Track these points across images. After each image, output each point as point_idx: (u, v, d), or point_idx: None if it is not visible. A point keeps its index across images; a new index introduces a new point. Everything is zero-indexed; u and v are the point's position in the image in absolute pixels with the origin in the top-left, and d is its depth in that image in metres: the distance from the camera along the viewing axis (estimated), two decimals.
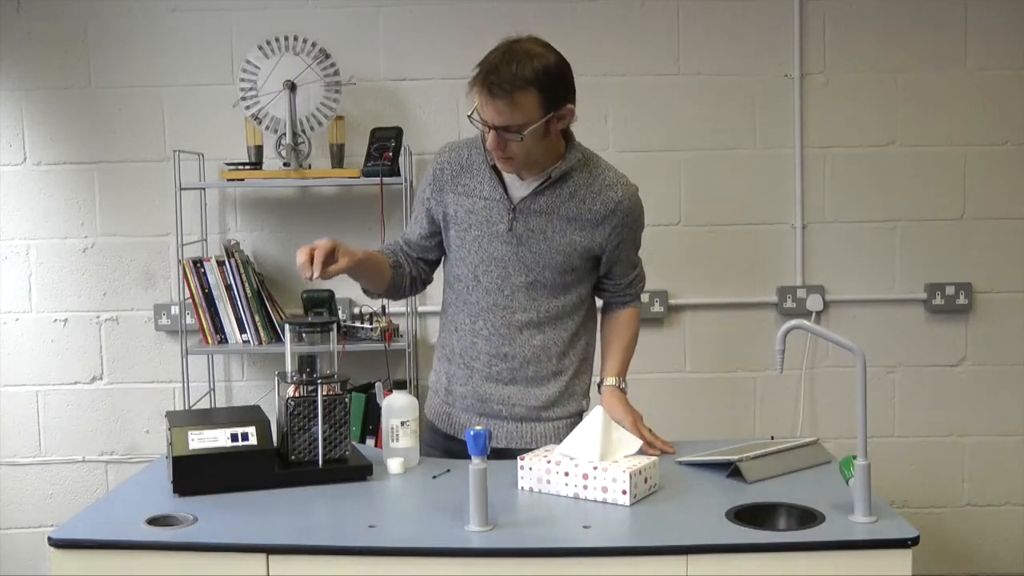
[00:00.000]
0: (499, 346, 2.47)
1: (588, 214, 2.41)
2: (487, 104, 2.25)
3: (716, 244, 3.68)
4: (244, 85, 3.40)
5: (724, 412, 3.70)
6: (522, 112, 2.25)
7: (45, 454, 3.71)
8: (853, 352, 2.01)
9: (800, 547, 1.91)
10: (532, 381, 2.49)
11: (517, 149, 2.30)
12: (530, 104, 2.25)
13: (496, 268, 2.44)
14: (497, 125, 2.26)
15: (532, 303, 2.45)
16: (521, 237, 2.41)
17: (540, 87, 2.24)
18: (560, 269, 2.43)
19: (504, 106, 2.24)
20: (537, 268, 2.42)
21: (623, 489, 2.09)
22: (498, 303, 2.45)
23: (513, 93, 2.23)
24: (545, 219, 2.40)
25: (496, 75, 2.22)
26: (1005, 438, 3.75)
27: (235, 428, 2.22)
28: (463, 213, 2.45)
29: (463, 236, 2.46)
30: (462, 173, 2.47)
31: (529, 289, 2.44)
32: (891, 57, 3.64)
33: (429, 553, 1.92)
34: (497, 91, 2.23)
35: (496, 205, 2.42)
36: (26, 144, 3.63)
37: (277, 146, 3.43)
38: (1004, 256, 3.69)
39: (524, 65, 2.23)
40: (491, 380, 2.49)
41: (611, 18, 3.61)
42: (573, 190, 2.41)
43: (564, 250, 2.41)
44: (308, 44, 3.41)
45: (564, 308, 2.48)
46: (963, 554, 3.76)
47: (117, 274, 3.67)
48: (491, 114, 2.26)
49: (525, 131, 2.26)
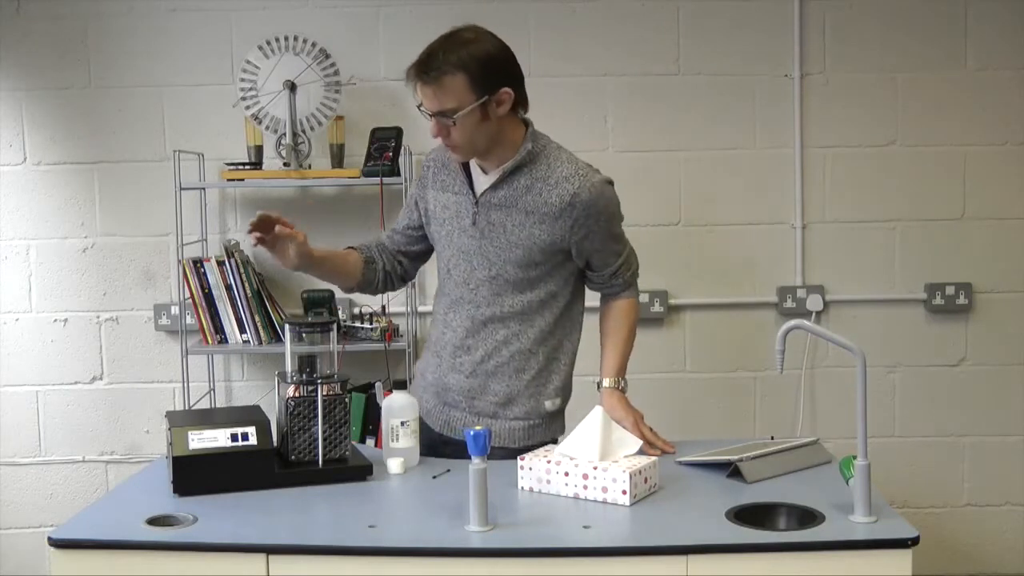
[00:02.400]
0: (463, 338, 2.50)
1: (545, 207, 2.39)
2: (421, 91, 2.34)
3: (716, 244, 3.68)
4: (244, 85, 3.40)
5: (724, 412, 3.70)
6: (452, 96, 2.30)
7: (45, 454, 3.71)
8: (853, 352, 2.01)
9: (800, 547, 1.91)
10: (492, 376, 2.49)
11: (457, 135, 2.34)
12: (459, 88, 2.30)
13: (463, 261, 2.48)
14: (432, 111, 2.33)
15: (496, 298, 2.46)
16: (483, 231, 2.44)
17: (467, 71, 2.29)
18: (521, 263, 2.43)
19: (433, 91, 2.31)
20: (499, 262, 2.44)
21: (623, 489, 2.09)
22: (464, 296, 2.49)
23: (440, 78, 2.29)
24: (505, 212, 2.42)
25: (425, 62, 2.31)
26: (1005, 438, 3.75)
27: (235, 428, 2.22)
28: (439, 208, 2.52)
29: (439, 231, 2.53)
30: (442, 170, 2.54)
31: (492, 283, 2.46)
32: (891, 57, 3.64)
33: (429, 553, 1.92)
34: (425, 77, 2.31)
35: (463, 199, 2.47)
36: (26, 144, 3.63)
37: (277, 146, 3.43)
38: (1004, 256, 3.69)
39: (452, 51, 2.30)
40: (454, 371, 2.52)
41: (611, 18, 3.62)
42: (530, 183, 2.41)
43: (524, 244, 2.41)
44: (308, 44, 3.41)
45: (530, 305, 2.47)
46: (963, 554, 3.76)
47: (117, 274, 3.67)
48: (425, 100, 2.34)
49: (457, 115, 2.30)
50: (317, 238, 3.63)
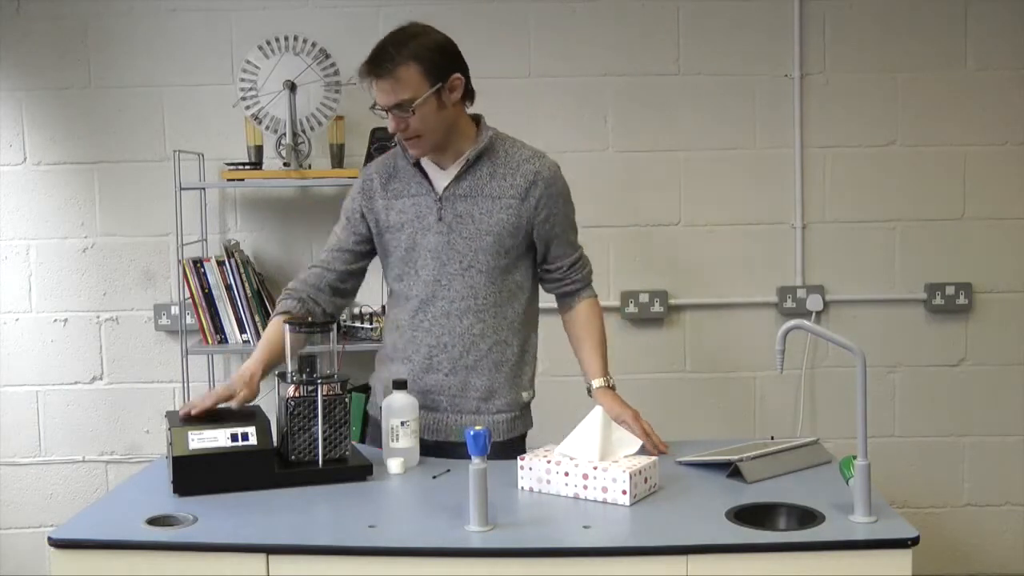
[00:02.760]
0: (439, 336, 2.51)
1: (511, 189, 2.46)
2: (376, 88, 2.38)
3: (716, 244, 3.68)
4: (244, 85, 3.40)
5: (724, 412, 3.70)
6: (408, 86, 2.35)
7: (45, 454, 3.71)
8: (853, 352, 2.02)
9: (800, 547, 1.91)
10: (472, 370, 2.51)
11: (417, 125, 2.39)
12: (413, 77, 2.35)
13: (432, 260, 2.49)
14: (389, 105, 2.37)
15: (469, 290, 2.48)
16: (451, 225, 2.47)
17: (419, 59, 2.36)
18: (492, 251, 2.47)
19: (389, 84, 2.35)
20: (470, 253, 2.47)
21: (623, 489, 2.09)
22: (436, 293, 2.50)
23: (395, 70, 2.34)
24: (471, 202, 2.46)
25: (377, 58, 2.36)
26: (1005, 438, 3.75)
27: (235, 428, 2.22)
28: (394, 214, 2.53)
29: (398, 236, 2.53)
30: (390, 180, 2.56)
31: (465, 276, 2.48)
32: (891, 57, 3.64)
33: (429, 553, 1.92)
34: (379, 71, 2.35)
35: (423, 199, 2.50)
36: (26, 144, 3.63)
37: (277, 146, 3.43)
38: (1004, 256, 3.69)
39: (402, 44, 2.36)
40: (431, 371, 2.52)
41: (611, 18, 3.61)
42: (492, 169, 2.47)
43: (493, 230, 2.46)
44: (308, 44, 3.41)
45: (502, 295, 2.50)
46: (963, 554, 3.76)
47: (117, 274, 3.67)
48: (380, 96, 2.38)
49: (415, 104, 2.35)
50: (317, 238, 3.66)
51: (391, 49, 2.36)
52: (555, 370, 3.48)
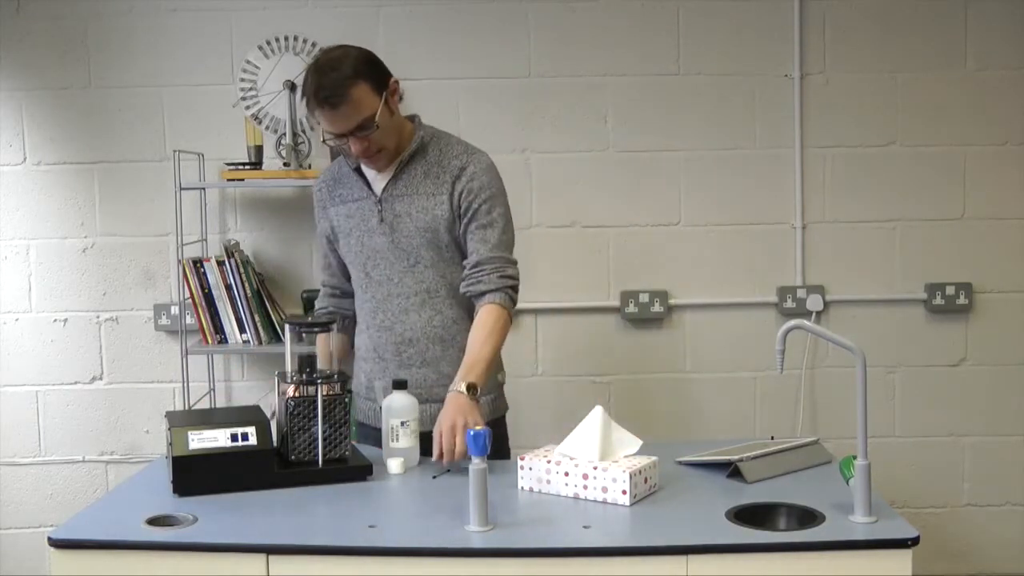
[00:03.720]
0: (402, 332, 2.54)
1: (442, 185, 2.51)
2: (332, 117, 2.38)
3: (716, 244, 3.68)
4: (244, 85, 3.40)
5: (724, 412, 3.70)
6: (365, 105, 2.38)
7: (45, 454, 3.71)
8: (853, 352, 2.02)
9: (800, 547, 1.91)
10: (441, 360, 2.54)
11: (381, 139, 2.44)
12: (365, 95, 2.38)
13: (381, 260, 2.54)
14: (350, 129, 2.39)
15: (420, 284, 2.53)
16: (392, 224, 2.52)
17: (362, 76, 2.39)
18: (433, 245, 2.51)
19: (347, 109, 2.37)
20: (413, 250, 2.52)
21: (623, 489, 2.09)
22: (391, 292, 2.54)
23: (348, 93, 2.36)
24: (408, 201, 2.51)
25: (325, 90, 2.35)
26: (1005, 438, 3.75)
27: (235, 428, 2.23)
28: (343, 220, 2.59)
29: (348, 240, 2.58)
30: (336, 186, 2.62)
31: (413, 272, 2.53)
32: (891, 57, 3.64)
33: (429, 553, 1.92)
34: (335, 99, 2.35)
35: (366, 202, 2.55)
36: (26, 144, 3.63)
37: (277, 146, 3.44)
38: (1004, 256, 3.69)
39: (338, 69, 2.37)
40: (404, 367, 2.55)
41: (611, 18, 3.61)
42: (427, 168, 2.53)
43: (430, 226, 2.50)
44: (308, 44, 3.41)
45: (453, 283, 2.53)
46: (963, 554, 3.76)
47: (117, 274, 3.67)
48: (341, 124, 2.39)
49: (377, 119, 2.39)
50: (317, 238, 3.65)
51: (333, 74, 2.36)
52: (554, 371, 3.48)
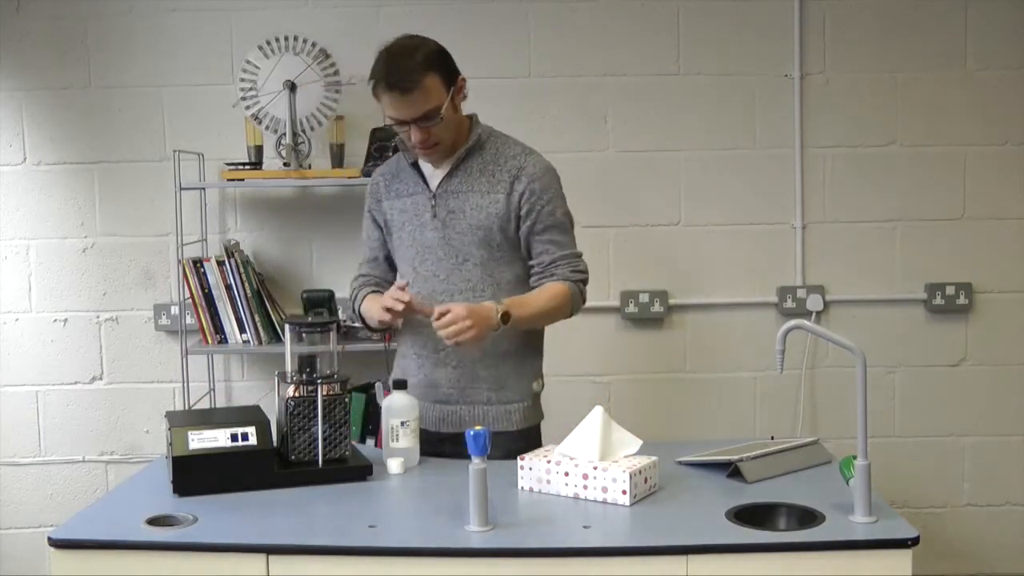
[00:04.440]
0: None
1: (499, 184, 2.51)
2: (399, 103, 2.39)
3: (716, 244, 3.68)
4: (244, 85, 3.40)
5: (724, 412, 3.70)
6: (434, 96, 2.40)
7: (45, 454, 3.71)
8: (853, 352, 2.02)
9: (800, 547, 1.91)
10: (479, 363, 2.53)
11: (441, 132, 2.44)
12: (436, 86, 2.40)
13: (429, 255, 2.54)
14: (416, 117, 2.40)
15: (466, 283, 2.51)
16: (445, 220, 2.52)
17: (435, 67, 2.41)
18: (485, 245, 2.51)
19: (417, 96, 2.38)
20: (464, 247, 2.51)
21: (623, 489, 2.09)
22: (437, 288, 2.53)
23: (421, 81, 2.37)
24: (462, 198, 2.51)
25: (397, 74, 2.37)
26: (1005, 438, 3.75)
27: (235, 428, 2.23)
28: (396, 214, 2.60)
29: (400, 235, 2.59)
30: (393, 180, 2.63)
31: (461, 269, 2.52)
32: (891, 57, 3.64)
33: (429, 553, 1.93)
34: (407, 85, 2.36)
35: (420, 197, 2.55)
36: (26, 144, 3.63)
37: (277, 146, 3.43)
38: (1004, 256, 3.69)
39: (412, 56, 2.39)
40: (440, 365, 2.54)
41: (611, 18, 3.61)
42: (482, 166, 2.52)
43: (484, 224, 2.50)
44: (308, 44, 3.41)
45: (501, 287, 2.52)
46: (963, 554, 3.76)
47: (117, 274, 3.67)
48: (407, 110, 2.40)
49: (443, 112, 2.40)
50: (317, 238, 3.66)
51: (408, 61, 2.37)
52: (556, 370, 3.47)
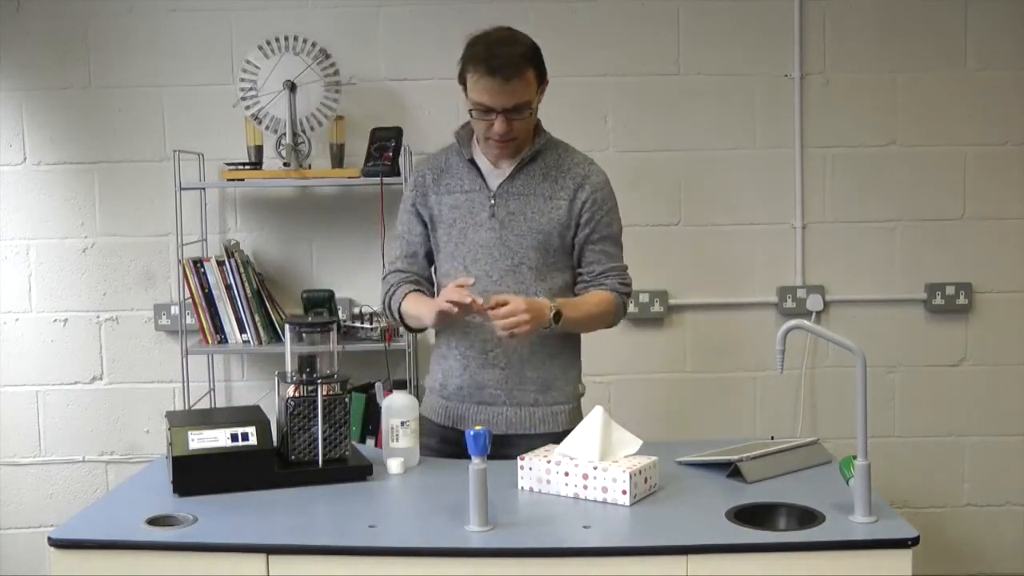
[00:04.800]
0: (492, 331, 2.49)
1: (561, 191, 2.52)
2: (497, 90, 2.38)
3: (716, 244, 3.68)
4: (244, 85, 3.40)
5: (724, 412, 3.70)
6: (529, 89, 2.42)
7: (45, 454, 3.71)
8: (853, 352, 2.02)
9: (800, 547, 1.91)
10: (526, 363, 2.52)
11: (522, 127, 2.44)
12: (531, 81, 2.43)
13: (483, 255, 2.52)
14: (507, 107, 2.39)
15: (520, 286, 2.51)
16: (503, 221, 2.51)
17: (533, 63, 2.43)
18: (542, 248, 2.51)
19: (516, 87, 2.38)
20: (521, 250, 2.50)
21: (623, 489, 2.09)
22: (488, 289, 2.50)
23: (522, 72, 2.39)
24: (524, 201, 2.51)
25: (499, 60, 2.36)
26: (1005, 438, 3.75)
27: (235, 428, 2.23)
28: (447, 210, 2.56)
29: (449, 232, 2.56)
30: (443, 175, 2.59)
31: (515, 272, 2.51)
32: (891, 57, 3.64)
33: (429, 553, 1.93)
34: (510, 72, 2.36)
35: (477, 195, 2.53)
36: (26, 144, 3.63)
37: (277, 146, 3.43)
38: (1004, 256, 3.69)
39: (514, 47, 2.40)
40: (487, 366, 2.53)
41: (611, 18, 3.61)
42: (545, 171, 2.53)
43: (543, 228, 2.50)
44: (308, 44, 3.41)
45: (551, 292, 2.52)
46: (963, 554, 3.76)
47: (117, 274, 3.67)
48: (502, 98, 2.39)
49: (533, 106, 2.43)
50: (317, 238, 3.66)
51: (512, 49, 2.39)
52: None
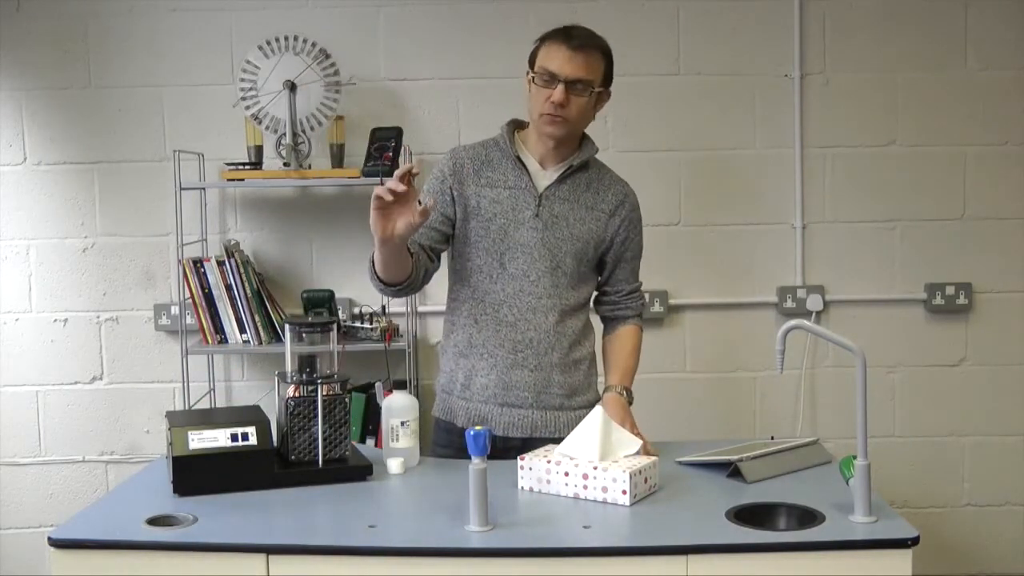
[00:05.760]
0: (525, 331, 2.51)
1: (603, 203, 2.57)
2: (570, 57, 2.44)
3: (716, 244, 3.68)
4: (244, 85, 3.40)
5: (724, 412, 3.70)
6: (596, 71, 2.48)
7: (45, 454, 3.71)
8: (853, 352, 2.02)
9: (800, 547, 1.91)
10: (557, 367, 2.54)
11: (574, 109, 2.47)
12: (599, 66, 2.49)
13: (522, 254, 2.52)
14: (571, 78, 2.43)
15: (555, 289, 2.53)
16: (547, 223, 2.52)
17: (605, 56, 2.51)
18: (579, 256, 2.54)
19: (587, 60, 2.45)
20: (560, 254, 2.52)
21: (623, 489, 2.09)
22: (524, 288, 2.51)
23: (596, 51, 2.48)
24: (569, 206, 2.54)
25: (577, 30, 2.48)
26: (1005, 438, 3.75)
27: (235, 428, 2.22)
28: (487, 203, 2.53)
29: (487, 226, 2.52)
30: (484, 167, 2.57)
31: (552, 275, 2.53)
32: (891, 57, 3.64)
33: (429, 553, 1.93)
34: (583, 43, 2.45)
35: (522, 193, 2.53)
36: (26, 144, 3.63)
37: (277, 146, 3.43)
38: (1004, 256, 3.69)
39: (597, 37, 2.51)
40: (517, 367, 2.52)
41: (611, 18, 3.61)
42: (588, 181, 2.58)
43: (583, 237, 2.54)
44: (308, 44, 3.41)
45: (578, 301, 2.58)
46: (963, 554, 3.76)
47: (117, 274, 3.67)
48: (572, 67, 2.44)
49: (593, 88, 2.47)
50: (317, 238, 3.66)
51: (590, 33, 2.48)
52: None
